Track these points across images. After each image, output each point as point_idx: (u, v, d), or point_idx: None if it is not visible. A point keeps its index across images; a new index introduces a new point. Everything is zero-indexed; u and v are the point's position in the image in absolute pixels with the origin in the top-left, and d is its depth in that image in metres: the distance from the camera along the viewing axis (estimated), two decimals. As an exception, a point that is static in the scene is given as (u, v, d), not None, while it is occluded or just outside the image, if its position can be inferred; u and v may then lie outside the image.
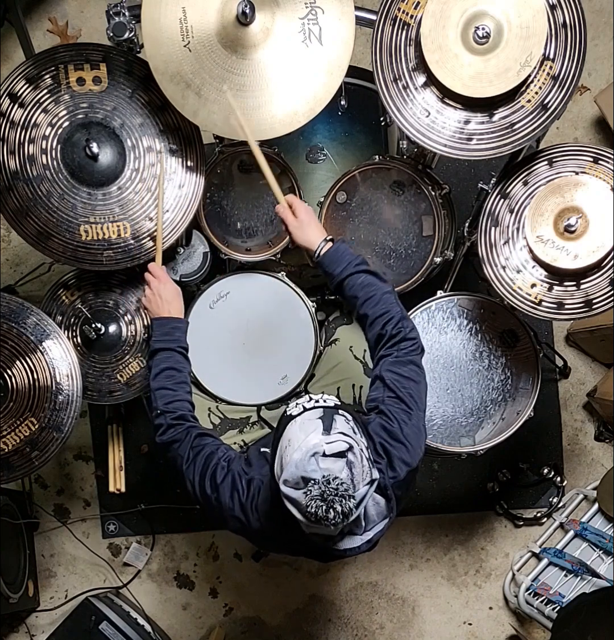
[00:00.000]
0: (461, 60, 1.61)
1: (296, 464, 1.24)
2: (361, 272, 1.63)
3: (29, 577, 2.58)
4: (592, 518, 2.50)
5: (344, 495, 1.23)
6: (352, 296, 1.63)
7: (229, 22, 1.64)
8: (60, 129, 1.79)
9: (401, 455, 1.48)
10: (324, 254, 1.65)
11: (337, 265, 1.63)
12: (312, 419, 1.30)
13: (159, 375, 1.66)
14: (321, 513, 1.22)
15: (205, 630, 2.74)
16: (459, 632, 2.72)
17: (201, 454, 1.54)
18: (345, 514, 1.23)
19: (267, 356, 2.13)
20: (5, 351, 1.87)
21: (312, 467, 1.23)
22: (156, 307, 1.74)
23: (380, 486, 1.44)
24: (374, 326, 1.61)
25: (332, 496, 1.22)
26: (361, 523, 1.43)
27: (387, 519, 1.47)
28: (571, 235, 1.74)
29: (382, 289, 1.63)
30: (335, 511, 1.22)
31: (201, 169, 1.85)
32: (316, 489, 1.22)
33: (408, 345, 1.58)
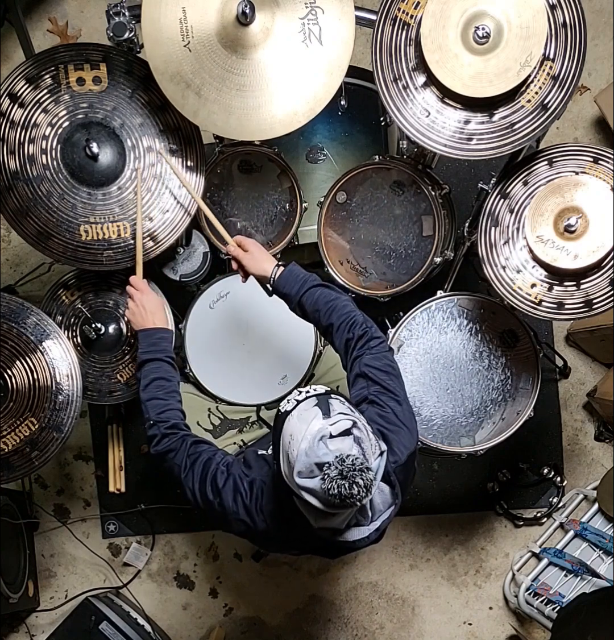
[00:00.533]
0: (461, 60, 1.61)
1: (306, 453, 1.24)
2: (316, 287, 1.67)
3: (29, 577, 2.58)
4: (592, 518, 2.50)
5: (362, 469, 1.23)
6: (314, 310, 1.67)
7: (229, 22, 1.64)
8: (60, 129, 1.79)
9: (400, 438, 1.49)
10: (279, 277, 1.70)
11: (293, 285, 1.69)
12: (309, 408, 1.31)
13: (149, 386, 1.67)
14: (345, 491, 1.21)
15: (205, 630, 2.74)
16: (459, 632, 2.72)
17: (198, 461, 1.54)
18: (367, 488, 1.23)
19: (267, 356, 2.13)
20: (5, 351, 1.87)
21: (322, 451, 1.24)
22: (141, 319, 1.76)
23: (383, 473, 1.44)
24: (340, 332, 1.64)
25: (351, 472, 1.21)
26: (368, 513, 1.42)
27: (393, 507, 1.47)
28: (571, 235, 1.74)
29: (340, 298, 1.67)
30: (358, 486, 1.21)
31: (201, 169, 1.85)
32: (333, 470, 1.22)
33: (377, 343, 1.61)
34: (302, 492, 1.27)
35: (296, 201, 2.03)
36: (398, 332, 2.07)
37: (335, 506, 1.25)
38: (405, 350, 2.08)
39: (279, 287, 1.72)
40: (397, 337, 2.07)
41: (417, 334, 2.08)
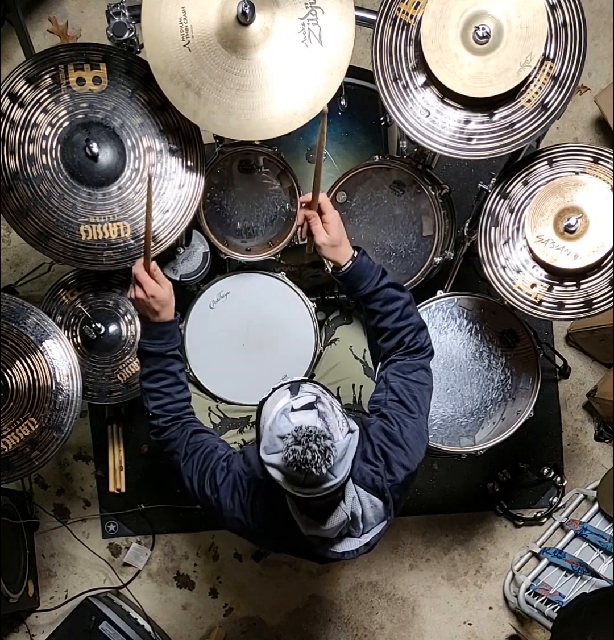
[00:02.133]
0: (461, 60, 1.61)
1: (269, 427, 1.27)
2: (382, 289, 1.63)
3: (29, 577, 2.58)
4: (592, 518, 2.50)
5: (319, 436, 1.22)
6: (373, 310, 1.65)
7: (229, 22, 1.64)
8: (60, 129, 1.79)
9: (400, 459, 1.48)
10: (349, 271, 1.64)
11: (360, 282, 1.64)
12: (280, 391, 1.34)
13: (148, 376, 1.62)
14: (299, 456, 1.20)
15: (205, 630, 2.74)
16: (459, 632, 2.72)
17: (198, 452, 1.53)
18: (323, 453, 1.21)
19: (267, 356, 2.12)
20: (5, 351, 1.87)
21: (284, 423, 1.25)
22: (149, 312, 1.62)
23: (378, 489, 1.45)
24: (392, 338, 1.63)
25: (305, 437, 1.21)
26: (359, 525, 1.43)
27: (385, 522, 1.48)
28: (571, 235, 1.74)
29: (402, 302, 1.63)
30: (311, 450, 1.20)
31: (201, 169, 1.85)
32: (290, 438, 1.23)
33: (421, 354, 1.61)
34: (269, 469, 1.27)
35: (296, 201, 2.03)
36: (398, 332, 2.07)
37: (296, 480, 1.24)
38: (405, 350, 2.07)
39: (344, 280, 1.65)
40: (397, 337, 2.07)
41: (417, 334, 2.08)
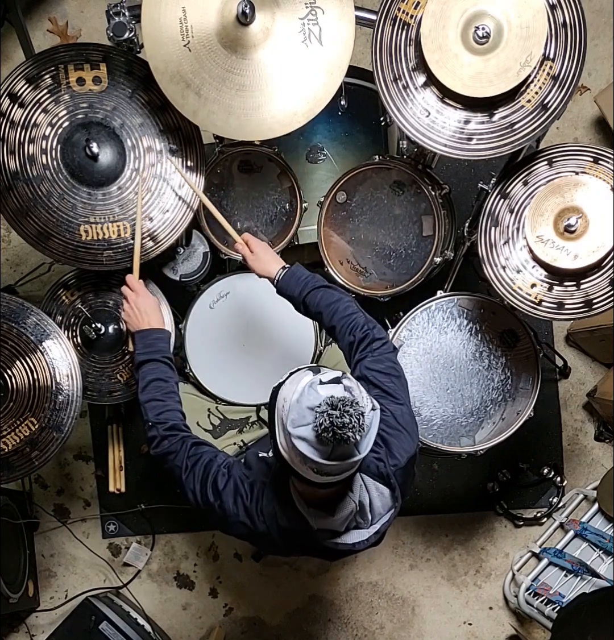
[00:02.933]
0: (461, 60, 1.61)
1: (297, 401, 1.24)
2: (319, 288, 1.70)
3: (29, 577, 2.58)
4: (592, 518, 2.50)
5: (353, 402, 1.21)
6: (317, 312, 1.70)
7: (229, 22, 1.64)
8: (60, 129, 1.79)
9: (400, 442, 1.49)
10: (282, 279, 1.74)
11: (295, 287, 1.72)
12: (300, 373, 1.31)
13: (146, 387, 1.66)
14: (337, 420, 1.18)
15: (205, 630, 2.74)
16: (459, 632, 2.72)
17: (199, 463, 1.54)
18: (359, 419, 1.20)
19: (267, 356, 2.13)
20: (5, 351, 1.87)
21: (313, 395, 1.22)
22: (136, 320, 1.76)
23: (383, 475, 1.44)
24: (343, 335, 1.65)
25: (341, 402, 1.20)
26: (367, 516, 1.42)
27: (392, 510, 1.47)
28: (571, 235, 1.74)
29: (342, 300, 1.68)
30: (349, 414, 1.19)
31: (201, 169, 1.85)
32: (323, 405, 1.20)
33: (380, 345, 1.61)
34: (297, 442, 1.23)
35: (296, 201, 2.03)
36: (398, 332, 2.07)
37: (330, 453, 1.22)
38: (405, 350, 2.07)
39: (282, 290, 1.75)
40: (397, 337, 2.07)
41: (417, 334, 2.08)
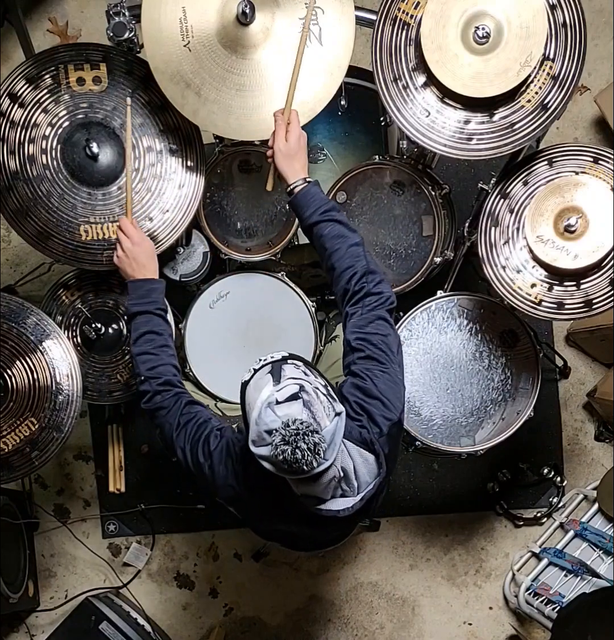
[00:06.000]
0: (461, 60, 1.61)
1: (255, 421, 1.26)
2: (328, 221, 1.59)
3: (29, 577, 2.58)
4: (592, 518, 2.50)
5: (306, 432, 1.22)
6: (321, 246, 1.61)
7: (229, 22, 1.64)
8: (60, 129, 1.79)
9: (380, 411, 1.47)
10: (296, 193, 1.63)
11: (306, 209, 1.61)
12: (262, 376, 1.31)
13: (139, 340, 1.62)
14: (289, 456, 1.21)
15: (205, 630, 2.74)
16: (459, 632, 2.72)
17: (192, 421, 1.52)
18: (312, 450, 1.22)
19: (267, 356, 2.12)
20: (5, 351, 1.87)
21: (270, 418, 1.24)
22: (130, 269, 1.69)
23: (366, 441, 1.43)
24: (339, 280, 1.58)
25: (293, 436, 1.21)
26: (352, 483, 1.40)
27: (378, 477, 1.45)
28: (571, 235, 1.74)
29: (348, 241, 1.58)
30: (301, 450, 1.21)
31: (201, 169, 1.85)
32: (277, 436, 1.23)
33: (373, 301, 1.55)
34: (259, 460, 1.28)
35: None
36: (398, 332, 2.07)
37: (287, 471, 1.25)
38: (405, 350, 2.07)
39: (293, 204, 1.65)
40: (397, 337, 2.07)
41: (417, 334, 2.08)
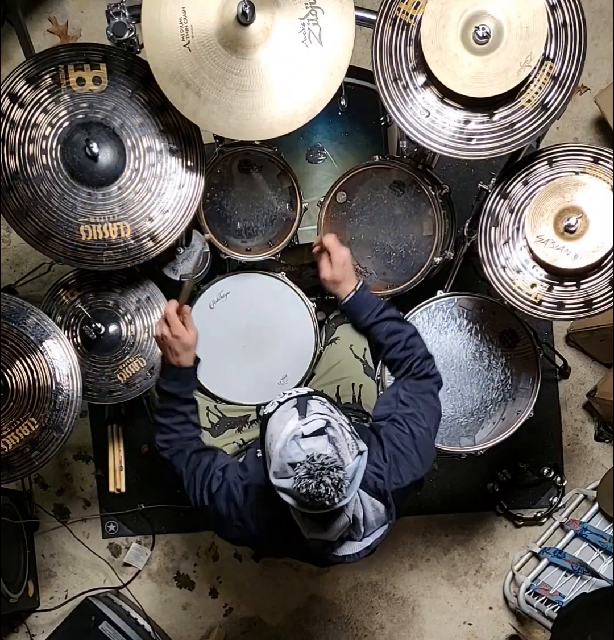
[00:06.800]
0: (461, 60, 1.61)
1: (279, 453, 1.26)
2: (383, 321, 1.68)
3: (29, 577, 2.58)
4: (592, 518, 2.50)
5: (331, 468, 1.23)
6: (378, 343, 1.70)
7: (229, 22, 1.64)
8: (60, 129, 1.79)
9: (410, 463, 1.50)
10: (348, 303, 1.71)
11: (359, 315, 1.70)
12: (287, 409, 1.32)
13: (161, 412, 1.65)
14: (313, 490, 1.22)
15: (205, 630, 2.74)
16: (459, 632, 2.72)
17: (198, 468, 1.55)
18: (336, 486, 1.23)
19: (267, 356, 2.12)
20: (5, 351, 1.87)
21: (295, 450, 1.25)
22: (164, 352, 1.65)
23: (379, 492, 1.45)
24: (399, 368, 1.68)
25: (318, 470, 1.22)
26: (360, 528, 1.43)
27: (386, 525, 1.48)
28: (571, 235, 1.74)
29: (406, 335, 1.68)
30: (325, 484, 1.22)
31: (201, 169, 1.85)
32: (302, 469, 1.23)
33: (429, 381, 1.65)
34: (279, 492, 1.28)
35: (296, 201, 2.03)
36: (398, 332, 2.07)
37: (307, 506, 1.26)
38: (405, 350, 2.07)
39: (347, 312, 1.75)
40: (397, 337, 2.07)
41: (417, 334, 2.08)
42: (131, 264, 1.87)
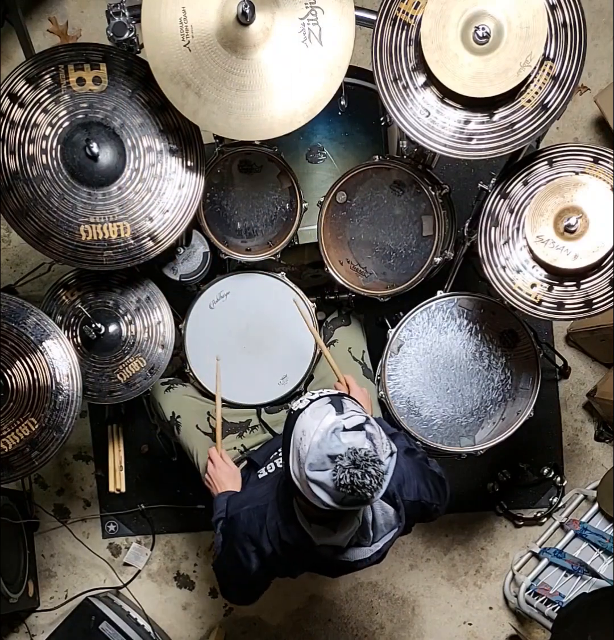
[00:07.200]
0: (461, 60, 1.61)
1: (318, 445, 1.25)
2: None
3: (29, 577, 2.58)
4: (592, 518, 2.50)
5: (375, 460, 1.23)
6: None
7: (229, 22, 1.64)
8: (60, 129, 1.79)
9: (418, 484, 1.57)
10: None
11: None
12: (322, 405, 1.32)
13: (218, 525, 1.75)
14: (357, 480, 1.22)
15: (205, 630, 2.74)
16: (459, 632, 2.72)
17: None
18: (378, 480, 1.24)
19: (267, 356, 2.13)
20: (5, 351, 1.87)
21: (335, 443, 1.24)
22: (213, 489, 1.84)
23: (388, 494, 1.45)
24: None
25: (364, 461, 1.22)
26: (369, 533, 1.43)
27: (395, 529, 1.47)
28: (571, 235, 1.74)
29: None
30: (370, 475, 1.22)
31: (201, 169, 1.85)
32: (345, 460, 1.23)
33: None
34: (312, 486, 1.26)
35: (296, 201, 2.03)
36: (398, 332, 2.07)
37: (344, 500, 1.25)
38: (405, 350, 2.08)
39: None
40: (397, 337, 2.07)
41: (417, 334, 2.08)
42: (131, 264, 1.87)
